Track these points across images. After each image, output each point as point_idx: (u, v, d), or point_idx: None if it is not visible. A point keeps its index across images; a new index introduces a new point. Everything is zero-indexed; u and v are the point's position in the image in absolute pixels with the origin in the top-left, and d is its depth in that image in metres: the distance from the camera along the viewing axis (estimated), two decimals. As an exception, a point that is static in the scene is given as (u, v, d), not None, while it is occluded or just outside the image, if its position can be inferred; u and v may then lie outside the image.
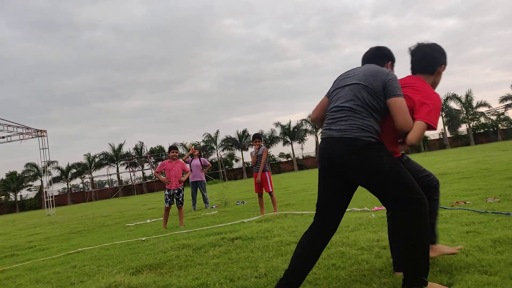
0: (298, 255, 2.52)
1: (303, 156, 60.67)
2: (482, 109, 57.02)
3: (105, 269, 4.13)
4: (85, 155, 58.37)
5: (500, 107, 56.80)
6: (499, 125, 57.08)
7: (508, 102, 55.35)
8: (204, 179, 11.59)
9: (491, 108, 56.95)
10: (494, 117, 57.68)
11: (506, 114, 57.40)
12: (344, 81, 2.60)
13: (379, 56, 2.75)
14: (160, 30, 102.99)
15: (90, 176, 58.59)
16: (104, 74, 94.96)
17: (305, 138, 59.71)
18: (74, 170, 58.18)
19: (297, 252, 2.54)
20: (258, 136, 7.61)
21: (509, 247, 2.91)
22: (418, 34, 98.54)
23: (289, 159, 59.43)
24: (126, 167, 58.11)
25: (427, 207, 2.31)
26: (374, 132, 2.38)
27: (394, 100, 2.39)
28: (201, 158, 11.56)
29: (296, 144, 59.18)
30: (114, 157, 58.01)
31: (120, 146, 58.46)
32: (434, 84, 2.69)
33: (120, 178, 59.55)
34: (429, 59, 2.67)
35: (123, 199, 37.34)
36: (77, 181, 61.41)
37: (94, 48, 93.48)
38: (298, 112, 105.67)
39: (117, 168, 58.60)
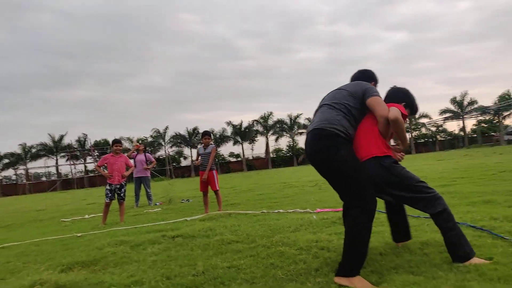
0: None
1: (252, 157, 61.08)
2: (424, 120, 60.75)
3: (32, 266, 3.88)
4: (20, 145, 54.75)
5: (439, 119, 60.79)
6: (438, 136, 61.07)
7: (447, 115, 59.35)
8: (149, 175, 11.29)
9: (431, 120, 60.80)
10: (433, 128, 61.65)
11: (444, 126, 61.66)
12: (331, 91, 3.06)
13: (365, 78, 3.18)
14: (113, 19, 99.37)
15: (25, 167, 55.05)
16: (49, 60, 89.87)
17: (255, 139, 60.19)
18: (6, 161, 54.39)
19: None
20: (207, 133, 7.53)
21: (435, 249, 3.09)
22: (370, 44, 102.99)
23: (239, 159, 59.59)
24: (67, 160, 55.26)
25: (373, 216, 2.66)
26: (340, 126, 2.72)
27: (373, 98, 2.83)
28: (146, 154, 11.26)
29: (246, 145, 59.54)
30: (54, 148, 54.95)
31: (61, 137, 55.51)
32: None
33: (59, 171, 56.58)
34: (391, 96, 3.19)
35: (62, 193, 35.49)
36: (9, 172, 57.45)
37: (39, 31, 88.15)
38: (251, 112, 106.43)
39: (56, 160, 55.63)
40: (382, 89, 3.21)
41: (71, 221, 8.36)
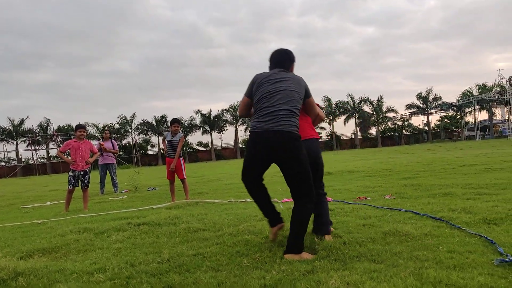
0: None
1: (221, 146, 60.90)
2: (390, 114, 62.42)
3: (-12, 253, 3.72)
4: (-25, 128, 52.18)
5: (405, 114, 62.61)
6: (403, 130, 62.92)
7: (412, 110, 61.19)
8: (115, 162, 11.06)
9: (397, 114, 62.54)
10: (399, 123, 63.45)
11: (410, 121, 63.57)
12: (276, 86, 3.21)
13: (288, 60, 3.44)
14: (77, 0, 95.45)
15: (-17, 152, 52.56)
16: (6, 40, 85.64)
17: (225, 128, 60.00)
18: (-37, 144, 51.79)
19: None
20: (177, 121, 7.44)
21: (396, 239, 3.20)
22: (341, 37, 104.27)
23: (207, 148, 59.27)
24: (28, 145, 53.14)
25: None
26: (297, 128, 3.19)
27: (311, 99, 3.49)
28: (112, 141, 11.01)
29: (215, 134, 59.27)
30: (13, 133, 52.66)
31: (22, 121, 53.26)
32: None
33: (20, 156, 54.37)
34: None
35: (22, 179, 34.18)
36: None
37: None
38: (220, 102, 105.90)
39: (17, 145, 53.40)
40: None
41: (31, 208, 8.07)
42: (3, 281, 2.66)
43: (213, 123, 57.80)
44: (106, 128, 11.76)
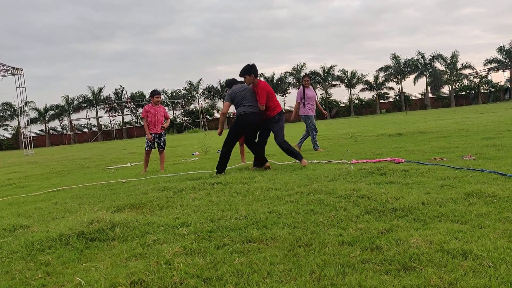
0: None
1: (285, 109, 60.67)
2: (466, 71, 57.46)
3: (86, 207, 4.16)
4: (63, 97, 56.89)
5: (484, 70, 57.29)
6: (481, 88, 57.75)
7: (492, 65, 55.76)
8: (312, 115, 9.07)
9: (474, 71, 57.40)
10: (476, 80, 58.22)
11: (489, 78, 58.00)
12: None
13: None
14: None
15: (68, 118, 57.45)
16: (82, 13, 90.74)
17: (288, 91, 59.47)
18: (52, 112, 56.86)
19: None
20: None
21: (480, 200, 3.04)
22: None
23: (271, 111, 59.35)
24: (106, 112, 57.07)
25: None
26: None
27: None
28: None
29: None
30: (94, 100, 56.67)
31: (100, 89, 56.99)
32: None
33: (100, 123, 58.66)
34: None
35: (103, 143, 37.02)
36: (55, 123, 60.28)
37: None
38: (283, 64, 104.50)
39: (97, 112, 57.54)
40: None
41: (115, 169, 8.78)
42: (102, 231, 2.98)
43: (276, 86, 57.47)
44: (305, 76, 9.54)
